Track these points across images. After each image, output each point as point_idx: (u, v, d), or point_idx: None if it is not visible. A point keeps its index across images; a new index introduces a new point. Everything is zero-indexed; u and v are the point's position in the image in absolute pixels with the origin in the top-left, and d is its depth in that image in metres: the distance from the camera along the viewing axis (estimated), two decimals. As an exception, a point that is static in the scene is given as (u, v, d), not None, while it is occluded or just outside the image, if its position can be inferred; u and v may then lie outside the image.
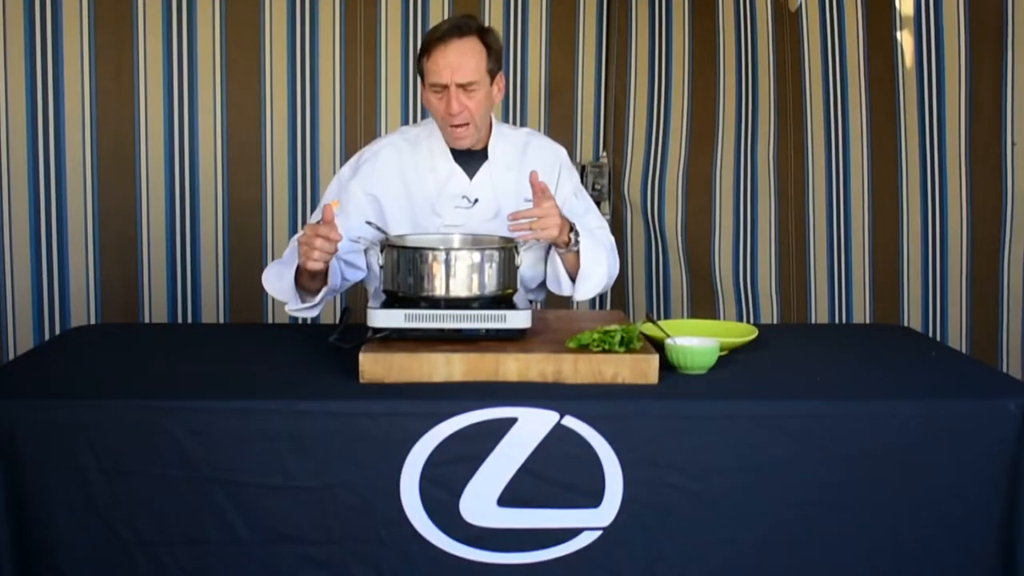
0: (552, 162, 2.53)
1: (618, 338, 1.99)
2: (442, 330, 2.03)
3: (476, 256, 2.10)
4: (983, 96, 2.56)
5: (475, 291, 2.07)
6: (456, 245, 2.23)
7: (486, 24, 2.45)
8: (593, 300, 3.79)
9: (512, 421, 1.83)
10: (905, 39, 2.77)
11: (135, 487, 1.81)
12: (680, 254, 3.73)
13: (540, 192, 2.22)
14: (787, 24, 3.21)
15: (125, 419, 1.82)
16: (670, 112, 3.73)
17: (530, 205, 2.43)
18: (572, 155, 2.64)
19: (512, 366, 1.94)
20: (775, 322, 3.34)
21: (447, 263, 2.06)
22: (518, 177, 2.47)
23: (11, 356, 3.52)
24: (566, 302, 3.32)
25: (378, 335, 2.03)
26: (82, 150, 3.61)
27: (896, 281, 2.88)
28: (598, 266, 2.35)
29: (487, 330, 2.03)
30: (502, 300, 2.11)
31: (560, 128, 3.78)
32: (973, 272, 2.60)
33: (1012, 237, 2.46)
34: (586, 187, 2.64)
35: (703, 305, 3.69)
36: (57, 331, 3.61)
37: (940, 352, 2.38)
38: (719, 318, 3.57)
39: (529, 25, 3.82)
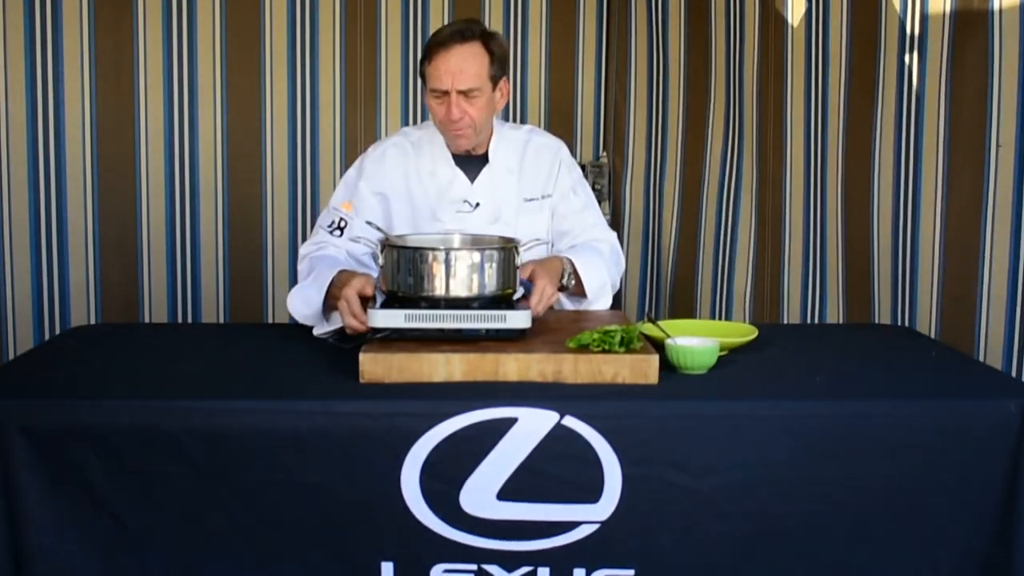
0: (551, 159, 2.53)
1: (618, 338, 1.98)
2: (442, 330, 2.02)
3: (476, 256, 2.09)
4: (965, 94, 2.53)
5: (475, 291, 2.07)
6: (456, 245, 2.23)
7: (488, 26, 2.42)
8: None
9: (512, 421, 1.83)
10: (889, 41, 2.75)
11: (135, 487, 1.81)
12: (672, 255, 3.72)
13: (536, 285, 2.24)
14: (772, 27, 3.20)
15: (125, 419, 1.81)
16: (667, 114, 3.73)
17: (529, 206, 2.47)
18: (572, 155, 2.64)
19: (512, 366, 1.94)
20: (746, 321, 3.34)
21: (447, 263, 2.06)
22: (518, 179, 2.47)
23: (11, 356, 3.52)
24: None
25: (378, 335, 2.03)
26: (82, 150, 3.62)
27: (867, 281, 2.86)
28: (602, 288, 2.45)
29: (487, 330, 2.03)
30: (502, 300, 2.11)
31: (560, 128, 3.78)
32: (946, 274, 2.57)
33: (995, 240, 2.42)
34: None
35: (683, 305, 3.68)
36: (57, 331, 3.61)
37: (940, 352, 2.38)
38: (696, 317, 3.56)
39: (529, 25, 3.82)
